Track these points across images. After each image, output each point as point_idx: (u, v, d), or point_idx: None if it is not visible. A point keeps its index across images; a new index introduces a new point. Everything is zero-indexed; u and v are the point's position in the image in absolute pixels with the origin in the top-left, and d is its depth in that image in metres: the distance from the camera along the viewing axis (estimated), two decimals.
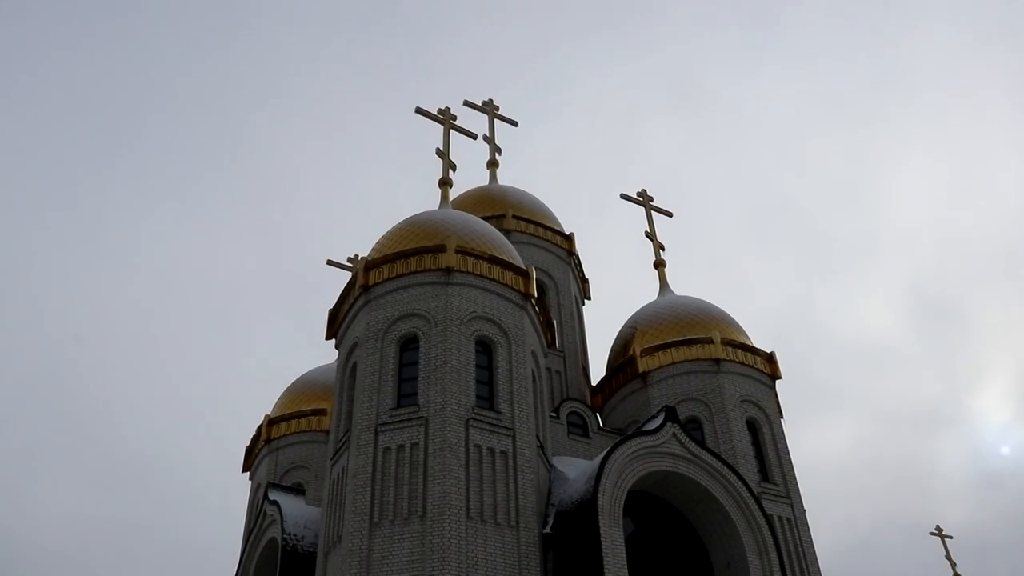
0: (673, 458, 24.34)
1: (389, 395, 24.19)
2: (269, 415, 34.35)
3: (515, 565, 22.06)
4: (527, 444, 24.05)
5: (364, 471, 22.96)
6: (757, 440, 29.38)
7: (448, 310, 25.11)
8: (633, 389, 30.59)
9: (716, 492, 24.60)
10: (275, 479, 31.97)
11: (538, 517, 23.18)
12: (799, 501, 28.82)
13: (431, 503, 22.04)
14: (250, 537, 29.63)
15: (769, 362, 31.35)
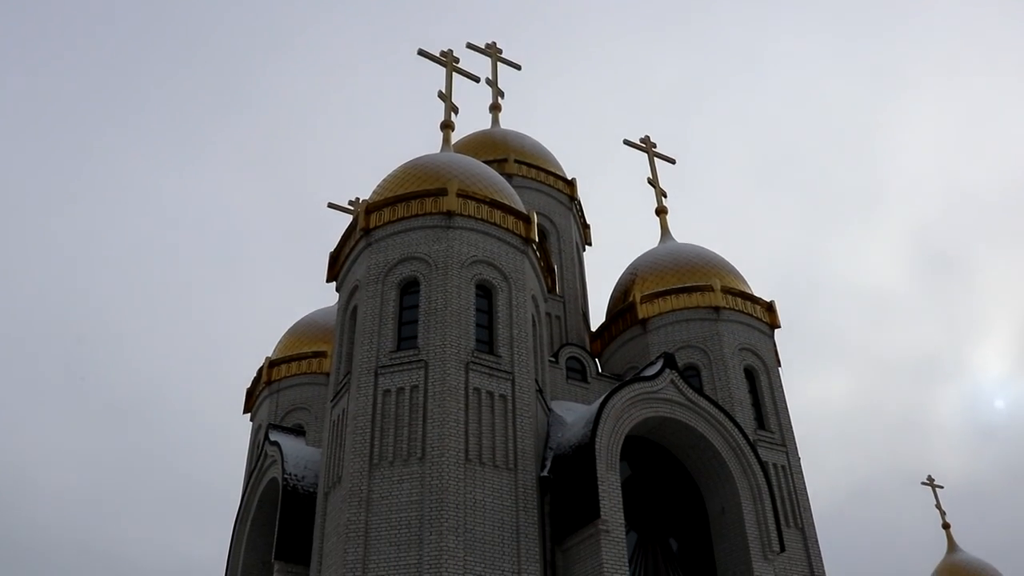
0: (671, 404, 24.53)
1: (389, 338, 24.30)
2: (270, 357, 34.56)
3: (512, 507, 22.37)
4: (526, 388, 24.23)
5: (364, 413, 23.16)
6: (754, 388, 29.59)
7: (449, 254, 25.11)
8: (632, 335, 30.72)
9: (712, 438, 24.84)
10: (276, 420, 32.28)
11: (536, 460, 23.45)
12: (794, 449, 29.11)
13: (430, 445, 22.27)
14: (251, 477, 29.97)
15: (768, 311, 31.43)
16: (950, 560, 41.12)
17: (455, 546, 20.99)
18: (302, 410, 32.75)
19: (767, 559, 24.03)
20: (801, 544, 27.14)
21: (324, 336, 33.72)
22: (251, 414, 35.89)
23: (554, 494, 23.11)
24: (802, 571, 26.65)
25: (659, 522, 24.80)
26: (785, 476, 28.11)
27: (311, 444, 29.01)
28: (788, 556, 26.08)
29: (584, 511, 21.92)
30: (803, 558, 26.94)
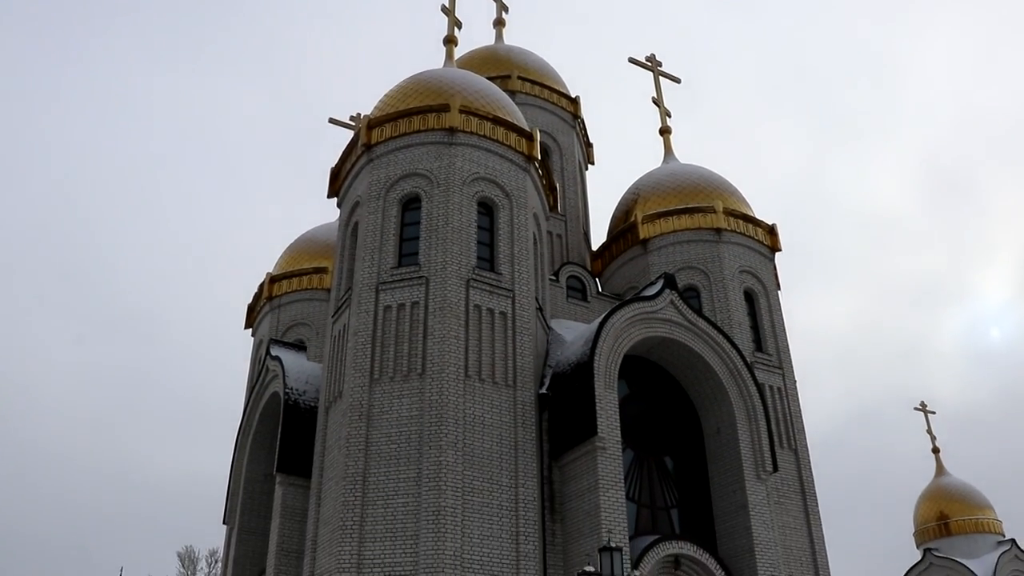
0: (670, 324, 24.65)
1: (390, 254, 24.28)
2: (271, 273, 34.58)
3: (511, 423, 22.65)
4: (526, 306, 24.31)
5: (365, 329, 23.28)
6: (753, 311, 29.68)
7: (451, 170, 24.92)
8: (633, 255, 30.68)
9: (710, 359, 25.03)
10: (277, 336, 32.46)
11: (535, 377, 23.66)
12: (791, 372, 29.35)
13: (430, 361, 22.44)
14: (253, 392, 30.32)
15: (770, 234, 31.34)
16: (937, 483, 41.91)
17: (454, 460, 21.31)
18: (303, 326, 32.91)
19: (760, 479, 24.44)
20: (794, 465, 27.56)
21: (325, 252, 33.69)
22: (252, 330, 36.09)
23: (552, 411, 23.39)
24: (794, 491, 27.13)
25: (655, 440, 25.15)
26: (781, 398, 28.41)
27: (312, 359, 29.24)
28: (781, 476, 26.52)
29: (581, 428, 22.21)
30: (795, 479, 27.39)
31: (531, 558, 21.30)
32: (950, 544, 39.49)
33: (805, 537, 26.63)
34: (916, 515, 42.00)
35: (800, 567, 25.88)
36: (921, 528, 41.20)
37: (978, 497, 40.85)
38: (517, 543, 21.33)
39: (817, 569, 26.27)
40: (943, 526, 40.21)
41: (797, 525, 26.67)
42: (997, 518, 40.23)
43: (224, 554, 31.34)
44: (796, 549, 26.14)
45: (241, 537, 29.17)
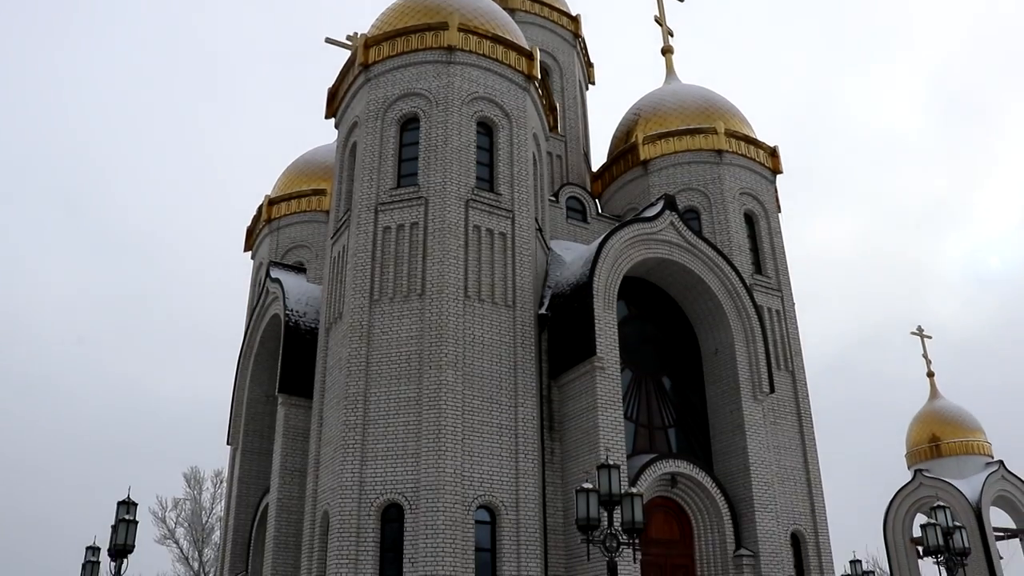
0: (669, 246, 24.65)
1: (389, 175, 24.13)
2: (269, 195, 34.40)
3: (510, 343, 22.79)
4: (526, 226, 24.25)
5: (364, 250, 23.26)
6: (753, 233, 29.62)
7: (449, 90, 24.61)
8: (633, 176, 30.49)
9: (709, 281, 25.09)
10: (276, 258, 32.46)
11: (534, 298, 23.74)
12: (789, 295, 29.42)
13: (430, 282, 22.48)
14: (254, 314, 30.45)
15: (772, 156, 31.10)
16: (931, 406, 42.38)
17: (454, 380, 21.50)
18: (302, 248, 32.87)
19: (756, 399, 24.72)
20: (790, 387, 27.82)
21: (324, 174, 33.46)
22: (251, 252, 36.07)
23: (551, 331, 23.53)
24: (790, 413, 27.42)
25: (653, 361, 25.35)
26: (779, 320, 28.53)
27: (312, 281, 29.30)
28: (777, 397, 26.80)
29: (580, 348, 22.36)
30: (791, 400, 27.66)
31: (530, 475, 21.65)
32: (940, 465, 40.12)
33: (799, 457, 27.01)
34: (908, 437, 42.60)
35: (794, 487, 26.32)
36: (913, 450, 41.82)
37: (969, 420, 41.36)
38: (516, 461, 21.65)
39: (811, 489, 26.69)
40: (934, 448, 40.80)
41: (792, 446, 27.03)
42: (987, 440, 40.80)
43: (229, 474, 31.86)
44: (790, 469, 26.54)
45: (245, 457, 29.61)
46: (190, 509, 49.40)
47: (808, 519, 26.23)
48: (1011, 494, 38.86)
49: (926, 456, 40.75)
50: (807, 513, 26.30)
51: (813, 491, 26.73)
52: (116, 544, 20.58)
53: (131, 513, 20.80)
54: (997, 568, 36.33)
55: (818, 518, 26.39)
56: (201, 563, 48.34)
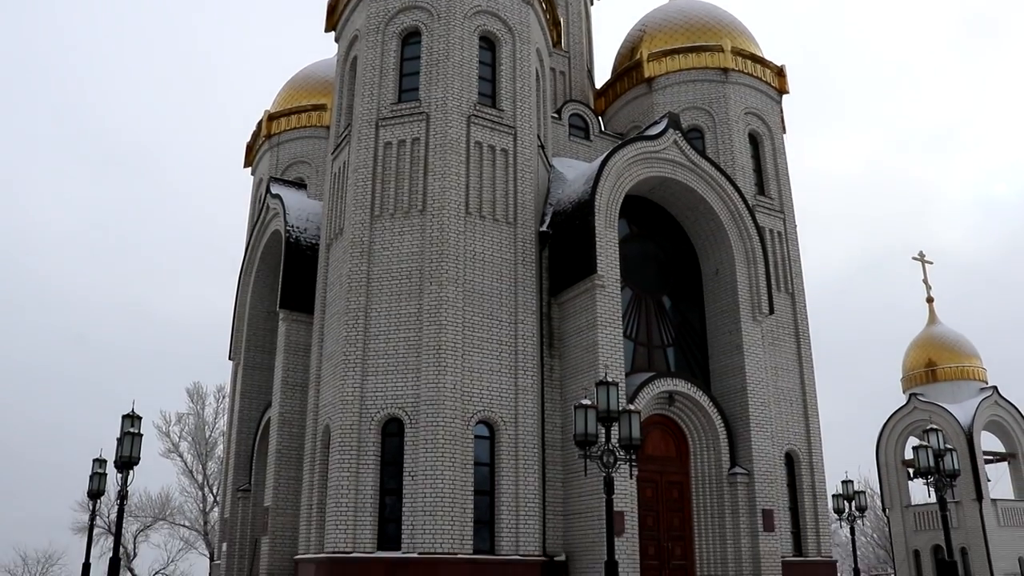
0: (672, 164, 24.45)
1: (390, 90, 23.80)
2: (269, 110, 34.01)
3: (511, 260, 22.79)
4: (528, 143, 24.02)
5: (365, 165, 23.08)
6: (757, 154, 29.36)
7: (451, 3, 24.09)
8: (637, 94, 30.06)
9: (711, 201, 24.95)
10: (276, 174, 32.25)
11: (536, 215, 23.65)
12: (792, 216, 29.31)
13: (431, 198, 22.36)
14: (254, 230, 30.38)
15: (778, 75, 30.64)
16: (928, 331, 42.57)
17: (454, 296, 21.56)
18: (303, 164, 32.63)
19: (756, 320, 24.81)
20: (790, 309, 27.92)
21: (324, 89, 33.01)
22: (252, 168, 35.83)
23: (552, 249, 23.50)
24: (788, 334, 27.58)
25: (654, 280, 25.36)
26: (780, 242, 28.48)
27: (312, 197, 29.17)
28: (776, 319, 26.92)
29: (581, 266, 22.36)
30: (790, 322, 27.80)
31: (529, 392, 21.86)
32: (935, 390, 40.49)
33: (796, 379, 27.27)
34: (905, 362, 42.91)
35: (790, 407, 26.62)
36: (909, 374, 42.16)
37: (966, 346, 41.58)
38: (516, 377, 21.84)
39: (806, 410, 27.02)
40: (930, 372, 41.13)
41: (789, 367, 27.26)
42: (982, 366, 41.08)
43: (231, 389, 32.20)
44: (787, 390, 26.82)
45: (246, 372, 29.87)
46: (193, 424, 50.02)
47: (803, 439, 26.61)
48: (1003, 419, 39.34)
49: (922, 381, 41.10)
50: (802, 433, 26.66)
51: (808, 412, 27.06)
52: (122, 456, 20.92)
53: (135, 426, 21.10)
54: (984, 490, 36.96)
55: (812, 439, 26.77)
56: (205, 476, 49.16)
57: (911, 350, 42.52)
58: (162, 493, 50.76)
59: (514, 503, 20.94)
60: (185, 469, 49.75)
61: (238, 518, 28.34)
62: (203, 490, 49.46)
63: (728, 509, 23.01)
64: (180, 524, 51.14)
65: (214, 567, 32.04)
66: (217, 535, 35.12)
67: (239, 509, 28.37)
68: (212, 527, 47.07)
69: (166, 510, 50.81)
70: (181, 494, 50.47)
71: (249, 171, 36.11)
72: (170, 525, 51.28)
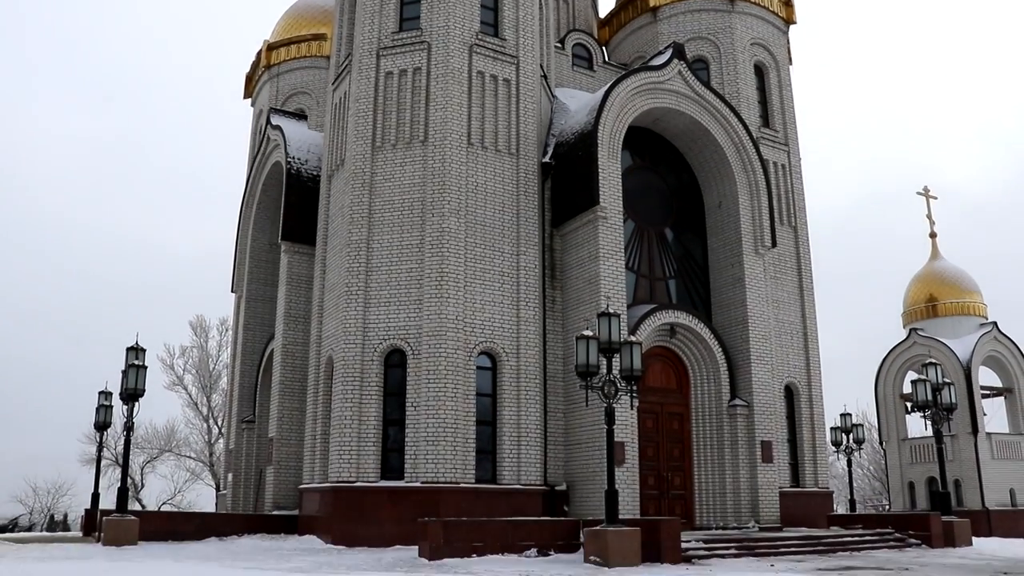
0: (676, 96, 24.18)
1: (391, 18, 23.42)
2: (268, 40, 33.55)
3: (513, 191, 22.68)
4: (530, 73, 23.73)
5: (366, 96, 22.83)
6: (763, 85, 29.00)
7: None
8: (642, 24, 29.55)
9: (715, 133, 24.73)
10: (276, 105, 31.94)
11: (538, 146, 23.47)
12: (796, 149, 29.08)
13: (432, 128, 22.17)
14: (255, 162, 30.21)
15: (785, 5, 30.12)
16: (931, 266, 42.46)
17: (456, 228, 21.51)
18: (303, 94, 32.30)
19: (758, 253, 24.78)
20: (792, 242, 27.88)
21: (323, 18, 32.50)
22: (251, 100, 35.49)
23: (555, 180, 23.36)
24: (790, 268, 27.59)
25: (656, 212, 25.24)
26: (784, 175, 28.30)
27: (313, 128, 28.93)
28: (778, 252, 26.89)
29: (584, 197, 22.25)
30: (793, 255, 27.78)
31: (531, 323, 21.95)
32: (936, 325, 40.52)
33: (797, 312, 27.35)
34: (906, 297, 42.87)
35: (790, 340, 26.75)
36: (910, 309, 42.16)
37: (967, 281, 41.50)
38: (518, 308, 21.90)
39: (807, 343, 27.15)
40: (931, 308, 41.11)
41: (791, 300, 27.32)
42: (983, 302, 41.05)
43: (234, 321, 32.34)
44: (788, 323, 26.91)
45: (249, 304, 29.98)
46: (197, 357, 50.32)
47: (802, 372, 26.79)
48: (1001, 355, 39.46)
49: (922, 316, 41.12)
50: (802, 367, 26.83)
51: (809, 345, 27.20)
52: (127, 388, 21.11)
53: (140, 359, 21.24)
54: (980, 424, 37.29)
55: (812, 372, 26.95)
56: (210, 408, 49.64)
57: (912, 285, 42.47)
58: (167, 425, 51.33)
59: (516, 433, 21.17)
60: (190, 401, 50.23)
61: (243, 449, 28.70)
62: (208, 422, 49.99)
63: (727, 440, 23.25)
64: (186, 456, 51.82)
65: (220, 497, 32.54)
66: (222, 466, 35.62)
67: (244, 440, 28.71)
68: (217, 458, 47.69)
69: (172, 442, 51.41)
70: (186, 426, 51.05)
71: (249, 103, 35.77)
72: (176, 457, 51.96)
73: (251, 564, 15.65)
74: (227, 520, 23.43)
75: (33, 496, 54.32)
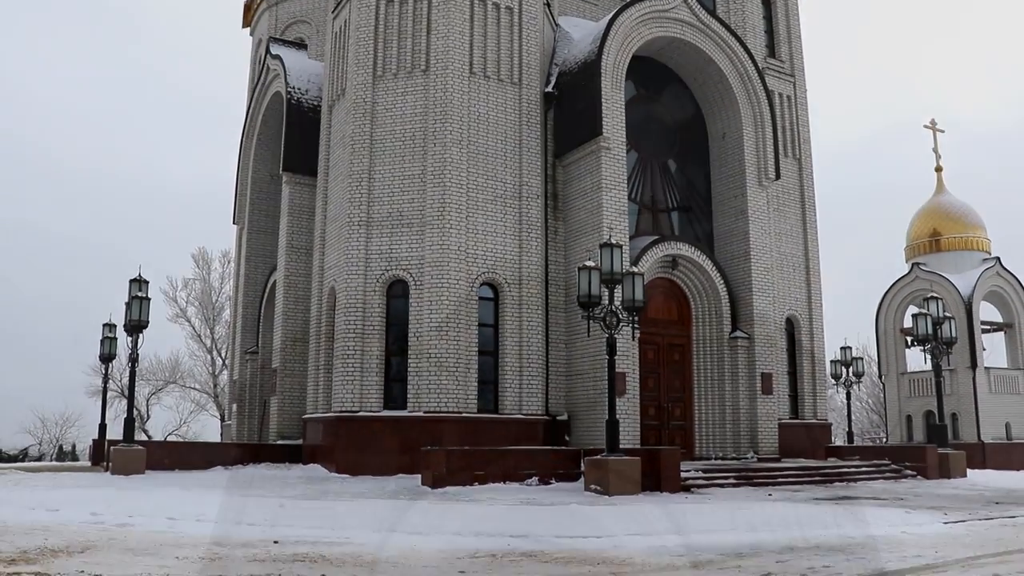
0: (681, 24, 23.80)
1: None
2: None
3: (516, 121, 22.48)
4: (533, 1, 23.31)
5: (367, 24, 22.50)
6: (769, 14, 28.53)
7: None
8: None
9: (720, 63, 24.41)
10: (276, 34, 31.43)
11: (541, 75, 23.19)
12: (803, 80, 28.72)
13: (434, 57, 21.90)
14: (255, 92, 29.89)
15: None
16: (935, 201, 42.20)
17: (458, 157, 21.38)
18: (303, 23, 31.74)
19: (761, 185, 24.64)
20: (796, 174, 27.72)
21: None
22: (250, 29, 34.94)
23: (558, 110, 23.15)
24: (794, 200, 27.47)
25: (660, 143, 25.04)
26: (789, 106, 28.00)
27: (313, 58, 28.53)
28: (782, 184, 26.75)
29: (587, 127, 22.06)
30: (796, 188, 27.64)
31: (533, 253, 21.94)
32: (938, 259, 40.42)
33: (800, 245, 27.30)
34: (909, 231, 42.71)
35: (792, 273, 26.75)
36: (912, 243, 42.03)
37: (972, 216, 41.28)
38: (520, 239, 21.88)
39: (808, 276, 27.18)
40: (934, 242, 40.97)
41: (793, 233, 27.26)
42: (987, 237, 40.90)
43: (236, 253, 32.34)
44: (790, 256, 26.89)
45: (251, 236, 29.95)
46: (199, 289, 50.42)
47: (804, 305, 26.85)
48: (1003, 290, 39.44)
49: (925, 250, 41.01)
50: (803, 299, 26.89)
51: (811, 279, 27.22)
52: (131, 320, 21.19)
53: (143, 290, 21.29)
54: (979, 359, 37.47)
55: (813, 305, 27.01)
56: (213, 340, 49.89)
57: (916, 219, 42.28)
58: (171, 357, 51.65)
59: (518, 363, 21.31)
60: (193, 333, 50.47)
61: (247, 380, 28.93)
62: (211, 354, 50.31)
63: (728, 372, 23.40)
64: (191, 387, 52.25)
65: (225, 427, 32.93)
66: (227, 397, 35.94)
67: (247, 371, 28.92)
68: (222, 389, 48.09)
69: (176, 374, 51.79)
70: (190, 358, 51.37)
71: (248, 32, 35.23)
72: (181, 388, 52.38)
73: (257, 492, 15.88)
74: (232, 450, 23.74)
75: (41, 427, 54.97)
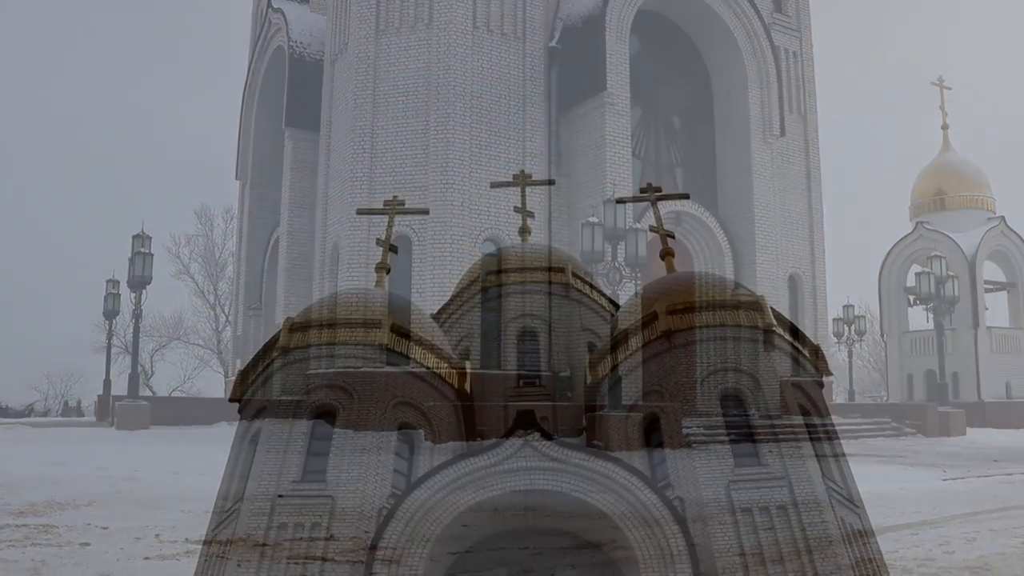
0: None
1: None
2: None
3: (519, 76, 22.35)
4: None
5: None
6: None
7: None
8: None
9: (726, 18, 24.20)
10: None
11: (545, 30, 23.02)
12: (809, 36, 28.40)
13: (437, 11, 21.73)
14: (256, 46, 29.67)
15: None
16: (941, 159, 41.97)
17: (461, 113, 21.30)
18: None
19: (766, 142, 24.55)
20: (801, 131, 27.50)
21: None
22: None
23: (562, 65, 23.00)
24: (799, 157, 27.29)
25: (664, 100, 24.91)
26: (795, 62, 27.72)
27: (315, 12, 28.27)
28: (787, 141, 26.55)
29: (591, 82, 21.95)
30: (801, 144, 27.44)
31: (536, 209, 21.88)
32: (943, 218, 40.26)
33: (804, 202, 27.17)
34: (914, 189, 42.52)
35: (796, 230, 26.65)
36: (917, 202, 41.86)
37: (976, 175, 41.05)
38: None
39: (812, 234, 27.08)
40: (939, 201, 40.79)
41: (798, 190, 27.12)
42: (992, 196, 40.71)
43: (239, 209, 32.29)
44: (794, 213, 26.77)
45: (254, 192, 29.89)
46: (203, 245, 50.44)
47: (807, 263, 26.80)
48: (1007, 249, 39.33)
49: (930, 209, 40.85)
50: (806, 257, 26.83)
51: (814, 236, 27.13)
52: (134, 276, 21.26)
53: (146, 246, 21.33)
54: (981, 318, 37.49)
55: (816, 262, 26.97)
56: (216, 296, 50.02)
57: (921, 178, 42.09)
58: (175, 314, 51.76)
59: None
60: (196, 290, 50.56)
61: (250, 335, 29.01)
62: (215, 310, 50.45)
63: None
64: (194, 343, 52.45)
65: (229, 383, 33.12)
66: (230, 352, 36.12)
67: (251, 327, 29.01)
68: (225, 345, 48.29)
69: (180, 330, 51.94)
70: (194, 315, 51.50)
71: None
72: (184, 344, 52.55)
73: None
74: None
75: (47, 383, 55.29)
